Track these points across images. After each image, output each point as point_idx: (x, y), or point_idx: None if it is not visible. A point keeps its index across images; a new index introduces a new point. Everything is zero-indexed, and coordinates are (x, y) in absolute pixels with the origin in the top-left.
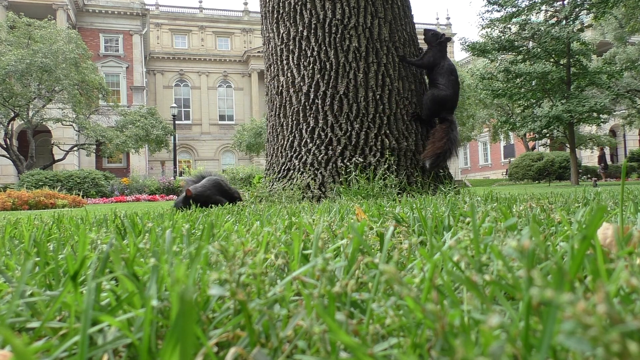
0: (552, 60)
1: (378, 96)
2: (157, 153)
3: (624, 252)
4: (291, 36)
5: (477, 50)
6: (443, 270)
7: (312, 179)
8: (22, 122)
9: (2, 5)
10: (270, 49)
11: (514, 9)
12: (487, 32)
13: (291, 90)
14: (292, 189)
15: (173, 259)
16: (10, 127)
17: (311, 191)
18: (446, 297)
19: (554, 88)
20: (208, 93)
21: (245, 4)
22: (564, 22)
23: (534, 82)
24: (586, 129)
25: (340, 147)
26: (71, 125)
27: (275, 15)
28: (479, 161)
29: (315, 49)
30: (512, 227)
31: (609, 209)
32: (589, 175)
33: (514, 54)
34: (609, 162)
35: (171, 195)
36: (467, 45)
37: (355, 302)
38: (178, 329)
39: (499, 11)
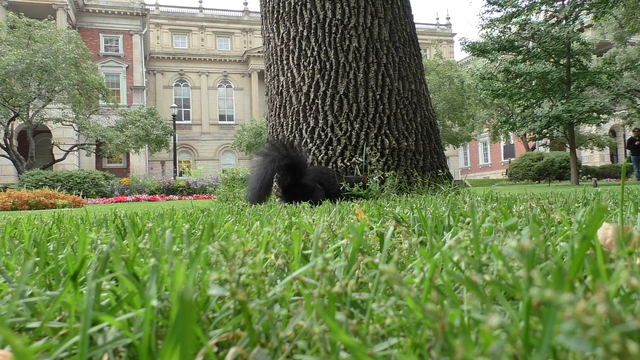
0: (552, 60)
1: (378, 96)
2: (157, 153)
3: (624, 252)
4: (291, 36)
5: (477, 50)
6: (443, 270)
7: None
8: (22, 122)
9: (2, 5)
10: (270, 49)
11: (514, 9)
12: (487, 32)
13: (291, 90)
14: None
15: (173, 259)
16: (10, 127)
17: None
18: (446, 297)
19: (554, 88)
20: (208, 93)
21: (245, 4)
22: (564, 22)
23: (534, 82)
24: (586, 129)
25: (340, 147)
26: (71, 125)
27: (275, 15)
28: (479, 161)
29: (315, 49)
30: (512, 227)
31: (609, 209)
32: (589, 175)
33: (514, 54)
34: (609, 162)
35: (171, 195)
36: (467, 45)
37: (355, 302)
38: (178, 329)
39: (499, 11)
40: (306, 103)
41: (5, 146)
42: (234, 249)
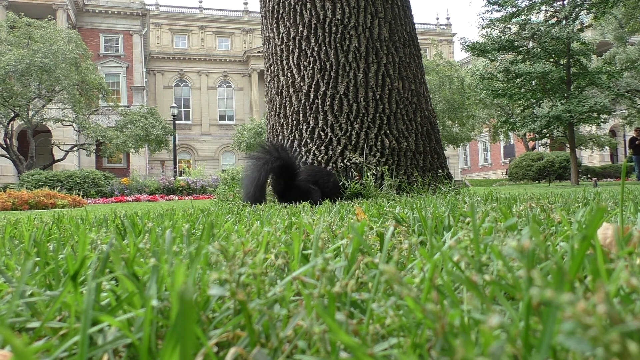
0: (552, 60)
1: (378, 96)
2: (157, 153)
3: (624, 252)
4: (291, 36)
5: (477, 50)
6: (443, 270)
7: None
8: (22, 122)
9: (2, 5)
10: (270, 49)
11: (514, 9)
12: (487, 32)
13: (291, 90)
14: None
15: (173, 259)
16: (10, 127)
17: None
18: (446, 297)
19: (554, 88)
20: (208, 93)
21: (245, 4)
22: (564, 22)
23: (534, 82)
24: (586, 129)
25: (340, 147)
26: (71, 125)
27: (275, 15)
28: (479, 161)
29: (315, 49)
30: (512, 227)
31: (609, 209)
32: (589, 175)
33: (514, 54)
34: (609, 162)
35: (171, 195)
36: (467, 45)
37: (355, 302)
38: (178, 329)
39: (499, 11)
40: (306, 103)
41: (5, 146)
42: (234, 249)
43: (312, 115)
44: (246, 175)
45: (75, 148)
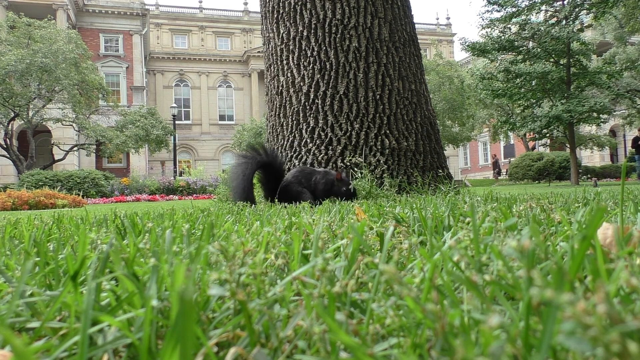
0: (552, 60)
1: (378, 96)
2: (157, 153)
3: (624, 252)
4: (291, 36)
5: (477, 50)
6: (443, 270)
7: None
8: (22, 122)
9: (2, 5)
10: (270, 49)
11: (514, 9)
12: (487, 32)
13: (291, 90)
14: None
15: (173, 259)
16: (10, 127)
17: None
18: (446, 297)
19: (554, 88)
20: (208, 93)
21: (245, 4)
22: (564, 22)
23: (534, 82)
24: (586, 129)
25: (340, 147)
26: (71, 125)
27: (275, 15)
28: (479, 161)
29: (315, 49)
30: (512, 227)
31: (609, 209)
32: (589, 175)
33: (514, 54)
34: (609, 162)
35: (171, 195)
36: (467, 45)
37: (355, 302)
38: (178, 329)
39: (499, 11)
40: (306, 103)
41: (5, 146)
42: (234, 249)
43: (312, 115)
44: (234, 173)
45: (75, 148)
